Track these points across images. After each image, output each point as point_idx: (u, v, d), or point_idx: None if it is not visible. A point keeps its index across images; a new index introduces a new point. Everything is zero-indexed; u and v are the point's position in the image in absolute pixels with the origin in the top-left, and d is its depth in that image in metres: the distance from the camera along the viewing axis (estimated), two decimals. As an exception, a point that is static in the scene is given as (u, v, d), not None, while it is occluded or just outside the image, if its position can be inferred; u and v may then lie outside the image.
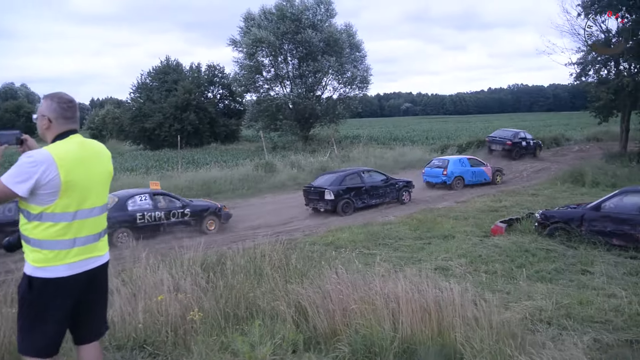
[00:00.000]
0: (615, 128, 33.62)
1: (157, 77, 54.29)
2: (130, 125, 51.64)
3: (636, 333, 7.11)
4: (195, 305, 5.70)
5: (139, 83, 54.94)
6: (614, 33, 25.04)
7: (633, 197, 12.21)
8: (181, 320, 5.45)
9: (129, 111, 52.97)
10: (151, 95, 52.40)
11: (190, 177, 24.38)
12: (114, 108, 68.25)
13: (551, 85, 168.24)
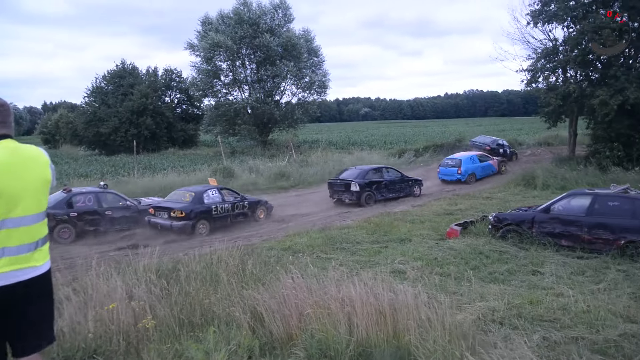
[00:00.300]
0: (564, 133, 34.81)
1: (113, 81, 53.20)
2: (85, 130, 50.38)
3: (582, 330, 7.38)
4: (148, 313, 5.63)
5: (94, 87, 53.72)
6: (561, 42, 26.04)
7: (579, 200, 12.68)
8: (134, 328, 5.36)
9: (84, 115, 51.67)
10: (106, 100, 51.31)
11: (146, 182, 23.93)
12: (67, 112, 66.42)
13: (505, 91, 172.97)
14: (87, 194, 16.57)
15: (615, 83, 22.62)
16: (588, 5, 24.69)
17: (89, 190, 17.04)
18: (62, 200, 15.87)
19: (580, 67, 24.86)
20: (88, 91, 53.94)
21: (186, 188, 18.41)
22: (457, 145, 38.95)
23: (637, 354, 6.56)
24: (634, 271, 10.30)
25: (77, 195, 16.22)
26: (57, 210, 15.45)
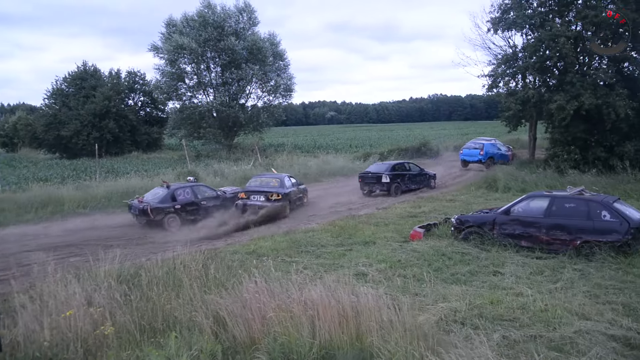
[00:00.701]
0: (525, 136, 35.67)
1: (74, 83, 51.99)
2: (45, 133, 48.99)
3: (539, 328, 7.60)
4: (108, 319, 5.54)
5: (54, 89, 52.40)
6: (520, 48, 26.76)
7: (538, 202, 13.02)
8: (92, 335, 5.27)
9: (43, 118, 50.24)
10: (67, 102, 50.10)
11: (109, 186, 23.46)
12: (26, 114, 64.48)
13: (468, 96, 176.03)
14: (185, 187, 18.78)
15: (571, 89, 23.32)
16: (545, 14, 25.41)
17: (186, 184, 19.25)
18: (167, 194, 17.98)
19: (538, 73, 25.55)
20: (48, 93, 52.69)
21: (264, 175, 22.33)
22: (422, 149, 39.50)
23: (591, 349, 6.79)
24: (588, 270, 10.64)
25: (178, 190, 18.44)
26: (165, 203, 17.70)
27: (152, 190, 19.28)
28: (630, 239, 11.28)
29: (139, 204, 17.73)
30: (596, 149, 23.94)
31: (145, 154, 49.08)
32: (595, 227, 11.67)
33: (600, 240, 11.48)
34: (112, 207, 21.35)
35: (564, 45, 23.19)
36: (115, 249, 9.96)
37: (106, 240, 15.50)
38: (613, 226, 11.48)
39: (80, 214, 20.27)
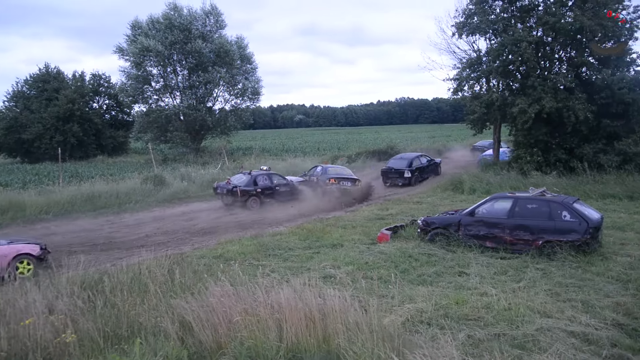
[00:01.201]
0: (490, 139, 36.29)
1: (36, 85, 50.70)
2: (5, 136, 47.59)
3: (503, 327, 7.78)
4: (70, 327, 5.44)
5: (15, 91, 50.96)
6: (484, 53, 27.22)
7: (502, 203, 13.30)
8: (53, 344, 5.16)
9: (3, 121, 48.76)
10: (29, 105, 48.82)
11: (72, 191, 22.97)
12: (-16, 117, 62.49)
13: (435, 99, 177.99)
14: (263, 174, 22.84)
15: (533, 93, 23.85)
16: (507, 20, 25.93)
17: (264, 172, 23.12)
18: (250, 180, 22.06)
19: (501, 77, 26.03)
20: (8, 95, 51.19)
21: (332, 166, 28.11)
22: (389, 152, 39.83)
23: (552, 345, 6.98)
24: (550, 269, 10.93)
25: (258, 176, 22.48)
26: (249, 187, 21.78)
27: (235, 175, 23.66)
28: (589, 238, 11.63)
29: (228, 185, 21.83)
30: (557, 151, 24.53)
31: (111, 158, 48.24)
32: (556, 227, 11.99)
33: (561, 239, 11.81)
34: (76, 212, 20.94)
35: (526, 50, 23.73)
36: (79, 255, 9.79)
37: (69, 246, 15.19)
38: (573, 226, 11.82)
39: (43, 219, 19.83)
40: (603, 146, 23.58)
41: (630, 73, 24.24)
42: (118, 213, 21.40)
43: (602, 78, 23.53)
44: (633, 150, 22.43)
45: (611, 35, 24.11)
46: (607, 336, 7.37)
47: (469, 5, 27.21)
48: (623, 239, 13.64)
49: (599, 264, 11.10)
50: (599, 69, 24.13)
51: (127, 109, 53.61)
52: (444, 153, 42.02)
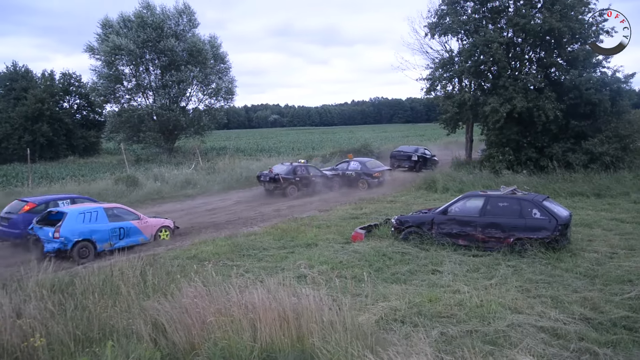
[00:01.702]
0: (463, 138, 36.76)
1: (3, 84, 49.62)
2: (-30, 137, 46.51)
3: (475, 323, 7.90)
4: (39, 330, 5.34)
5: (-20, 90, 49.80)
6: (456, 53, 27.59)
7: (474, 201, 13.48)
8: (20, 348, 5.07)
9: (-32, 121, 47.68)
10: (-5, 104, 47.78)
11: (42, 193, 22.48)
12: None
13: (408, 99, 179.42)
14: (302, 166, 25.87)
15: (504, 92, 24.27)
16: (479, 21, 26.36)
17: (302, 164, 26.23)
18: (290, 169, 24.96)
19: (473, 77, 26.42)
20: (-27, 94, 49.99)
21: (368, 159, 30.20)
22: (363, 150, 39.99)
23: (522, 341, 7.12)
24: (521, 266, 11.14)
25: (297, 167, 25.52)
26: (289, 176, 24.61)
27: (276, 165, 26.34)
28: (558, 235, 11.88)
29: (270, 173, 24.51)
30: (528, 150, 24.99)
31: (82, 158, 47.33)
32: (526, 225, 12.22)
33: (531, 237, 12.04)
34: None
35: (497, 51, 24.13)
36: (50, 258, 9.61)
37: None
38: (543, 223, 12.05)
39: (11, 221, 19.36)
40: (571, 145, 24.11)
41: (596, 74, 24.80)
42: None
43: (570, 79, 24.06)
44: (599, 149, 22.99)
45: (578, 37, 24.68)
46: (575, 330, 7.56)
47: (441, 6, 27.58)
48: (590, 235, 13.97)
49: (568, 260, 11.35)
50: (567, 70, 24.68)
51: (99, 109, 52.78)
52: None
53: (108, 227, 14.77)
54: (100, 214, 14.78)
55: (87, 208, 14.99)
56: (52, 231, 13.75)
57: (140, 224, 15.80)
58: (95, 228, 14.43)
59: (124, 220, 15.38)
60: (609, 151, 22.94)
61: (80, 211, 14.59)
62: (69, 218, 14.08)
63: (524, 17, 24.23)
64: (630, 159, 23.70)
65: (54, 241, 13.72)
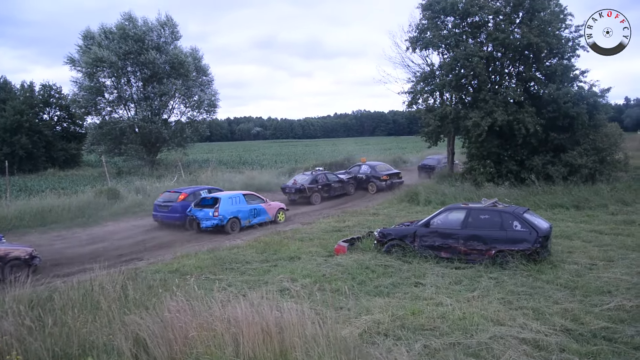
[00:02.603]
0: (444, 151, 37.06)
1: (-20, 96, 48.90)
2: (-54, 148, 45.70)
3: (458, 336, 7.93)
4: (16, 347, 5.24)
5: (-42, 101, 48.97)
6: (437, 67, 27.86)
7: (456, 214, 13.56)
8: (-3, 366, 4.96)
9: (-55, 132, 46.85)
10: (-27, 116, 47.00)
11: (21, 206, 22.18)
12: None
13: (391, 112, 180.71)
14: (322, 173, 27.74)
15: (485, 106, 24.57)
16: (459, 35, 26.70)
17: (320, 172, 27.97)
18: (313, 178, 26.75)
19: (454, 90, 26.70)
20: (-50, 106, 49.13)
21: (380, 163, 32.68)
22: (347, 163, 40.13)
23: (504, 353, 7.16)
24: (503, 278, 11.22)
25: (318, 175, 27.26)
26: (312, 185, 26.35)
27: (297, 175, 28.42)
28: (539, 247, 12.00)
29: (295, 184, 26.33)
30: (509, 163, 25.27)
31: (63, 170, 46.75)
32: (508, 237, 12.32)
33: (512, 249, 12.14)
34: (24, 227, 20.24)
35: (477, 65, 24.47)
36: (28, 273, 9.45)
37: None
38: (523, 235, 12.17)
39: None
40: (551, 158, 24.46)
41: (574, 88, 25.23)
42: (70, 227, 20.79)
43: (548, 92, 24.46)
44: (578, 161, 23.36)
45: (555, 52, 25.16)
46: (556, 342, 7.62)
47: (422, 21, 27.89)
48: (570, 247, 14.13)
49: (549, 272, 11.46)
50: (546, 84, 25.08)
51: (80, 121, 52.19)
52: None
53: (247, 208, 20.10)
54: (241, 198, 20.03)
55: (233, 194, 20.34)
56: (212, 211, 18.96)
57: (266, 206, 20.89)
58: (239, 209, 19.75)
59: (256, 203, 20.66)
60: (588, 163, 23.34)
61: (229, 196, 19.86)
62: (223, 202, 19.27)
63: (504, 32, 24.65)
64: (607, 172, 24.15)
65: (213, 219, 18.94)
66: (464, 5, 25.71)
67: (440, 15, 27.22)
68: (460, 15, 26.43)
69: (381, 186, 29.29)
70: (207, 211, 19.07)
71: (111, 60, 39.86)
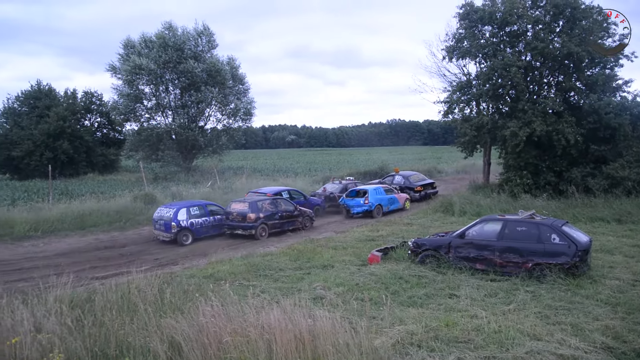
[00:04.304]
0: (480, 161, 36.55)
1: (27, 102, 50.50)
2: (-5, 153, 47.39)
3: (493, 350, 7.77)
4: (58, 346, 5.37)
5: (6, 107, 50.73)
6: (474, 76, 27.56)
7: (491, 225, 13.34)
8: (40, 364, 5.10)
9: (-6, 138, 48.62)
10: (19, 121, 48.58)
11: (62, 209, 22.82)
12: (-27, 134, 61.85)
13: (425, 121, 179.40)
14: (351, 182, 28.35)
15: (523, 116, 24.16)
16: (497, 45, 26.35)
17: (351, 181, 28.84)
18: (342, 187, 27.30)
19: (491, 100, 26.37)
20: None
21: (412, 173, 32.91)
22: (381, 172, 39.98)
23: (541, 369, 6.98)
24: (540, 292, 10.95)
25: (348, 184, 27.82)
26: (342, 193, 26.27)
27: (328, 184, 29.55)
28: (578, 261, 11.68)
29: (325, 192, 27.13)
30: (547, 174, 24.77)
31: (102, 175, 47.92)
32: (545, 250, 12.04)
33: (550, 262, 11.85)
34: (65, 230, 20.79)
35: (515, 75, 24.10)
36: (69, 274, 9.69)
37: (56, 266, 15.04)
38: (562, 249, 11.87)
39: (32, 237, 19.67)
40: (591, 170, 23.86)
41: (616, 98, 24.61)
42: (108, 231, 21.27)
43: (589, 103, 23.92)
44: (620, 174, 22.68)
45: (597, 61, 24.58)
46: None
47: (459, 30, 27.66)
48: (612, 262, 13.71)
49: (588, 287, 11.14)
50: (587, 94, 24.53)
51: (119, 127, 53.46)
52: None
53: (386, 197, 25.49)
54: (381, 190, 25.45)
55: (375, 187, 25.88)
56: (363, 200, 24.30)
57: (398, 196, 26.32)
58: (381, 197, 25.14)
59: (392, 194, 26.05)
60: (631, 176, 22.62)
61: (374, 188, 25.29)
62: (370, 192, 24.61)
63: (543, 42, 24.23)
64: (652, 185, 23.34)
65: (363, 206, 24.19)
66: (503, 15, 25.39)
67: (477, 25, 26.96)
68: (498, 24, 26.12)
69: (414, 197, 28.89)
70: (358, 200, 24.35)
71: (150, 68, 40.75)
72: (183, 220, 19.01)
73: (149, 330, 6.41)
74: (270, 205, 20.28)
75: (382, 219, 23.42)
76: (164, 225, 18.99)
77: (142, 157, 43.79)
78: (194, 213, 19.59)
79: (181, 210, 19.19)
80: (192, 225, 19.26)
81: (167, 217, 19.05)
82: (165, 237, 19.00)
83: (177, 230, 18.78)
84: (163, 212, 19.55)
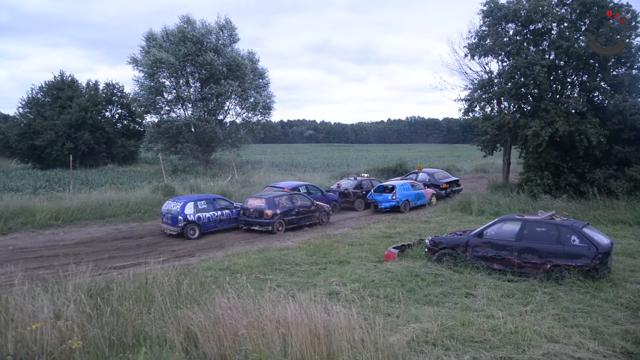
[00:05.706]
0: (499, 160, 36.20)
1: (50, 93, 51.15)
2: (18, 142, 48.01)
3: (509, 350, 7.69)
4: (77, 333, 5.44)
5: (29, 97, 51.41)
6: (496, 74, 27.29)
7: (510, 225, 13.20)
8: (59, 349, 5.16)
9: (17, 127, 49.30)
10: (42, 112, 49.26)
11: (82, 199, 23.10)
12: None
13: (445, 119, 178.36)
14: (366, 179, 27.81)
15: (546, 116, 23.84)
16: (520, 43, 26.05)
17: (366, 178, 28.13)
18: (357, 184, 27.03)
19: (513, 99, 26.07)
20: (23, 102, 51.71)
21: (436, 170, 32.37)
22: (399, 169, 39.82)
23: (558, 372, 6.90)
24: (558, 294, 10.82)
25: (363, 181, 27.41)
26: (356, 190, 26.64)
27: (342, 180, 28.93)
28: (598, 264, 11.50)
29: (339, 188, 26.75)
30: (568, 175, 24.44)
31: (121, 166, 48.44)
32: (565, 251, 11.88)
33: (569, 264, 11.70)
34: (85, 220, 21.05)
35: (539, 73, 23.78)
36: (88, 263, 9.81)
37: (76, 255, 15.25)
38: (582, 251, 11.70)
39: (52, 225, 19.96)
40: (614, 172, 23.48)
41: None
42: (127, 222, 21.49)
43: (614, 104, 23.52)
44: (645, 177, 22.28)
45: (624, 61, 24.13)
46: (615, 364, 7.28)
47: (482, 27, 27.39)
48: (633, 265, 13.47)
49: (608, 290, 10.97)
50: (611, 95, 24.13)
51: (139, 119, 53.87)
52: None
53: (413, 193, 26.20)
54: (408, 186, 26.22)
55: (403, 182, 26.71)
56: (391, 195, 24.98)
57: (424, 192, 26.98)
58: (408, 193, 25.87)
59: (418, 189, 26.72)
60: (655, 179, 22.21)
61: (401, 184, 26.01)
62: (398, 188, 25.39)
63: (568, 40, 23.87)
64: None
65: (391, 201, 24.89)
66: (527, 12, 25.07)
67: (501, 22, 26.66)
68: (522, 22, 25.80)
69: (440, 195, 28.55)
70: (386, 195, 25.05)
71: (170, 61, 40.97)
72: (190, 214, 19.01)
73: (166, 320, 6.46)
74: (287, 201, 20.27)
75: (399, 216, 23.32)
76: (171, 219, 19.02)
77: (161, 149, 44.12)
78: (202, 207, 19.56)
79: (188, 204, 19.18)
80: (200, 219, 19.24)
81: (174, 211, 19.05)
82: (172, 230, 19.01)
83: (184, 224, 18.78)
84: (170, 205, 19.54)
